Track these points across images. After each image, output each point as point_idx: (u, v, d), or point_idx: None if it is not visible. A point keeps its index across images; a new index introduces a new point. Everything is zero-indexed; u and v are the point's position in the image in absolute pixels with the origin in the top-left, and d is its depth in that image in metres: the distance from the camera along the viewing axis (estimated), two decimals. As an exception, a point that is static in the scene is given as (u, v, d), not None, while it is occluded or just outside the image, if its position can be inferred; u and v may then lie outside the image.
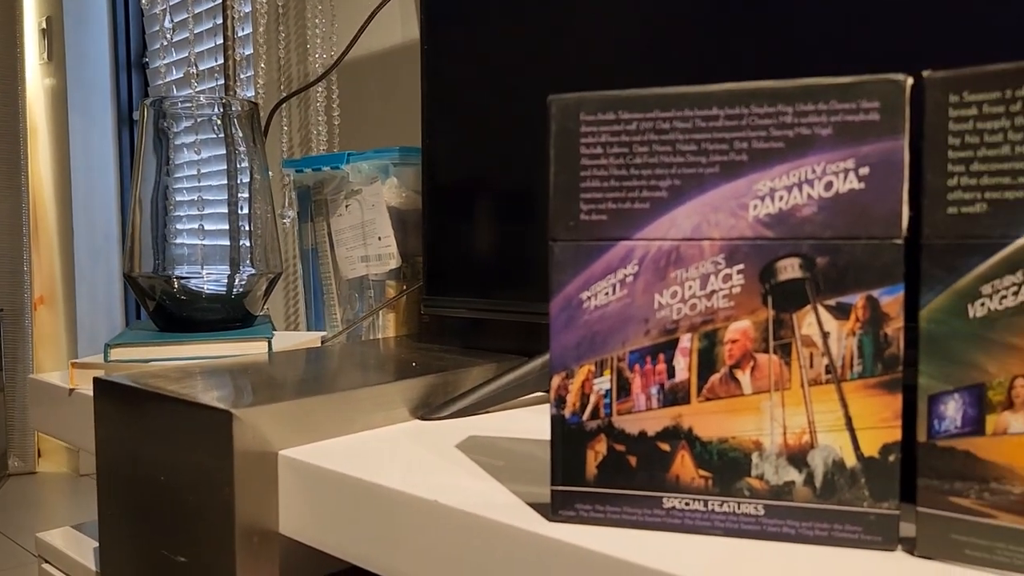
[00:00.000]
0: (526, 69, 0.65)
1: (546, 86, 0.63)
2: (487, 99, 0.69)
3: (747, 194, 0.33)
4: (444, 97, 0.73)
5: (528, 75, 0.65)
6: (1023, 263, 0.29)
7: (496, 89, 0.68)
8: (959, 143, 0.30)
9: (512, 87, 0.67)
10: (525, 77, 0.65)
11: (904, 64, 0.43)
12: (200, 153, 0.86)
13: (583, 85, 0.61)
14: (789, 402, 0.33)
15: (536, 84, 0.64)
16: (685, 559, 0.32)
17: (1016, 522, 0.29)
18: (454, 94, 0.72)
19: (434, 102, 0.73)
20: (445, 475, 0.43)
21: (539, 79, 0.64)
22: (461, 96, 0.71)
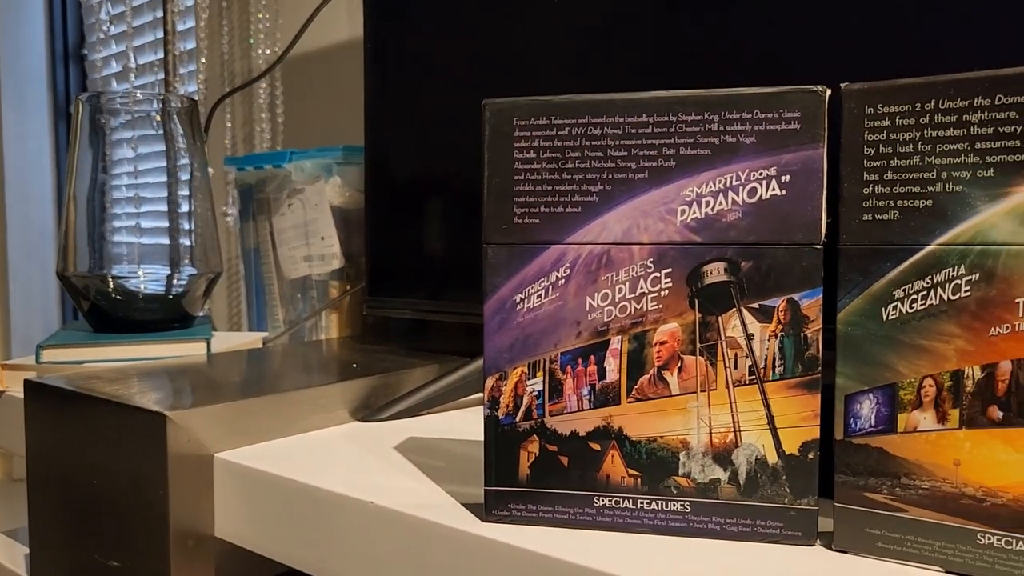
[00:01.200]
0: (470, 70, 0.66)
1: (490, 88, 0.64)
2: (431, 99, 0.69)
3: (675, 200, 0.34)
4: (388, 96, 0.72)
5: (472, 76, 0.65)
6: (931, 269, 0.30)
7: (440, 89, 0.68)
8: (873, 153, 0.31)
9: (456, 88, 0.67)
10: (469, 78, 0.66)
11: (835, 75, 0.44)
12: (137, 150, 0.85)
13: (527, 87, 0.61)
14: (715, 402, 0.34)
15: (480, 85, 0.65)
16: (614, 557, 0.32)
17: (924, 515, 0.31)
18: (398, 94, 0.72)
19: (377, 101, 0.73)
20: (382, 476, 0.43)
21: (483, 80, 0.65)
22: (405, 96, 0.71)
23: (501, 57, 0.63)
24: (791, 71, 0.46)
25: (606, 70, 0.56)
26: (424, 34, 0.69)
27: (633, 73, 0.55)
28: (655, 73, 0.53)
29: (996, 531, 0.30)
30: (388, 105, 0.72)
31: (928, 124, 0.30)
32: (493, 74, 0.64)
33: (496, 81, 0.63)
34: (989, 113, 0.29)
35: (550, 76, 0.60)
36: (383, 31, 0.72)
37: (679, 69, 0.52)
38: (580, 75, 0.58)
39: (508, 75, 0.63)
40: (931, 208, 0.30)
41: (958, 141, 0.30)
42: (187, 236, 0.81)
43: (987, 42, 0.40)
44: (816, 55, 0.46)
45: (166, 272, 0.79)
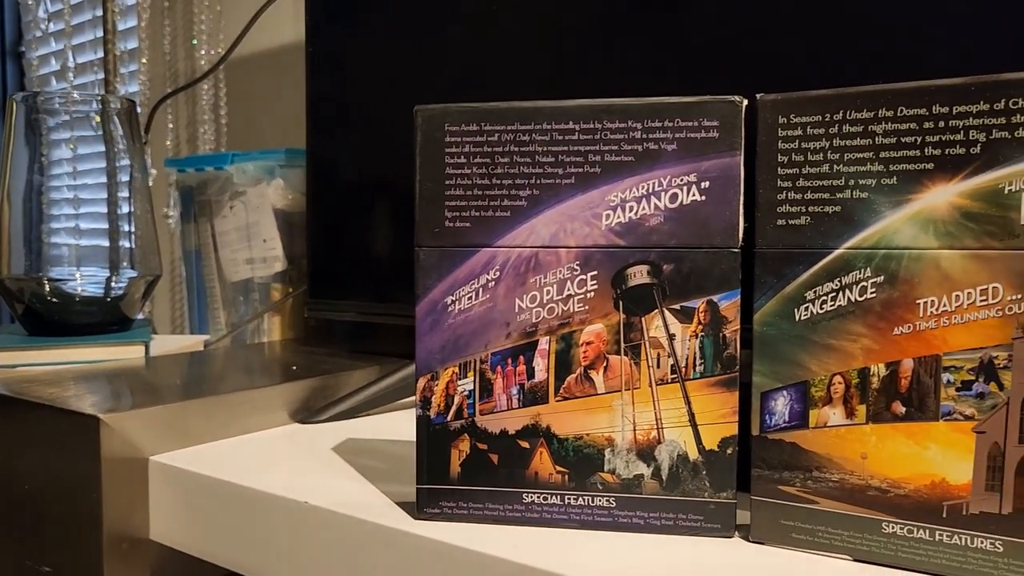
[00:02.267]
0: (410, 74, 0.66)
1: (429, 92, 0.65)
2: (373, 102, 0.69)
3: (600, 204, 0.35)
4: (329, 100, 0.73)
5: (412, 80, 0.66)
6: (840, 272, 0.32)
7: (381, 93, 0.69)
8: (787, 161, 0.33)
9: (397, 91, 0.67)
10: (409, 82, 0.66)
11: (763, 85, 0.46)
12: (76, 150, 0.83)
13: (466, 91, 0.62)
14: (639, 400, 0.35)
15: (420, 90, 0.65)
16: (542, 551, 0.33)
17: (834, 507, 0.32)
18: (339, 97, 0.72)
19: (319, 104, 0.73)
20: (318, 477, 0.43)
21: (423, 85, 0.65)
22: (346, 99, 0.71)
23: (440, 62, 0.64)
24: (715, 81, 0.47)
25: (544, 75, 0.57)
26: (365, 38, 0.69)
27: (569, 79, 0.56)
28: (590, 79, 0.54)
29: (899, 520, 0.31)
30: (330, 108, 0.73)
31: (836, 134, 0.32)
32: (432, 79, 0.64)
33: (435, 85, 0.64)
34: (892, 124, 0.31)
35: (489, 81, 0.61)
36: (325, 34, 0.73)
37: (613, 76, 0.53)
38: (518, 80, 0.59)
39: (447, 80, 0.63)
40: (839, 214, 0.32)
41: (864, 150, 0.31)
42: (127, 238, 0.80)
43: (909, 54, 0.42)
44: (738, 66, 0.47)
45: (105, 274, 0.78)
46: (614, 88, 0.52)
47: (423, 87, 0.65)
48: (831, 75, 0.43)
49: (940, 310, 0.30)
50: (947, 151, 0.30)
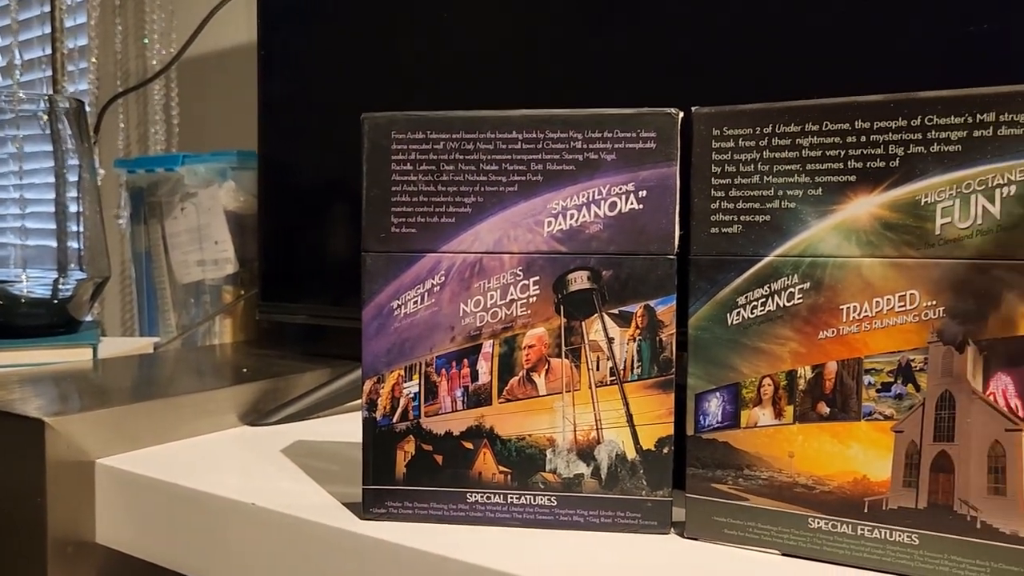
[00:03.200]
0: (362, 77, 0.67)
1: (380, 95, 0.65)
2: (324, 105, 0.70)
3: (542, 212, 0.36)
4: (281, 102, 0.73)
5: (363, 84, 0.67)
6: (769, 278, 0.33)
7: (332, 96, 0.69)
8: (720, 171, 0.34)
9: (348, 95, 0.68)
10: (360, 85, 0.67)
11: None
12: (23, 150, 0.82)
13: (416, 95, 0.63)
14: (579, 402, 0.36)
15: (370, 93, 0.66)
16: (484, 549, 0.34)
17: (763, 503, 0.34)
18: (291, 99, 0.72)
19: (271, 107, 0.73)
20: (266, 479, 0.44)
21: (373, 88, 0.66)
22: (298, 102, 0.72)
23: (393, 65, 0.64)
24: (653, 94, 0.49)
25: (493, 81, 0.58)
26: (318, 40, 0.70)
27: (518, 85, 0.57)
28: (537, 88, 0.55)
29: (824, 515, 0.33)
30: (282, 110, 0.73)
31: (766, 146, 0.33)
32: (385, 82, 0.65)
33: (388, 89, 0.65)
34: (818, 138, 0.32)
35: (439, 86, 0.62)
36: (277, 36, 0.73)
37: (558, 85, 0.54)
38: (468, 85, 0.60)
39: (400, 83, 0.64)
40: (769, 223, 0.33)
41: (792, 162, 0.33)
42: (75, 239, 0.79)
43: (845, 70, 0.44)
44: (676, 79, 0.49)
45: (52, 276, 0.77)
46: (559, 98, 0.53)
47: (376, 90, 0.66)
48: (764, 90, 0.45)
49: (862, 315, 0.32)
50: (868, 164, 0.32)
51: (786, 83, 0.45)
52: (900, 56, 0.42)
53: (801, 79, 0.44)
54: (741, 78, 0.47)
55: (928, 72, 0.41)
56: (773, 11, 0.45)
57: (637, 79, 0.51)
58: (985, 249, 0.30)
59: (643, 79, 0.50)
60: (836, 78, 0.43)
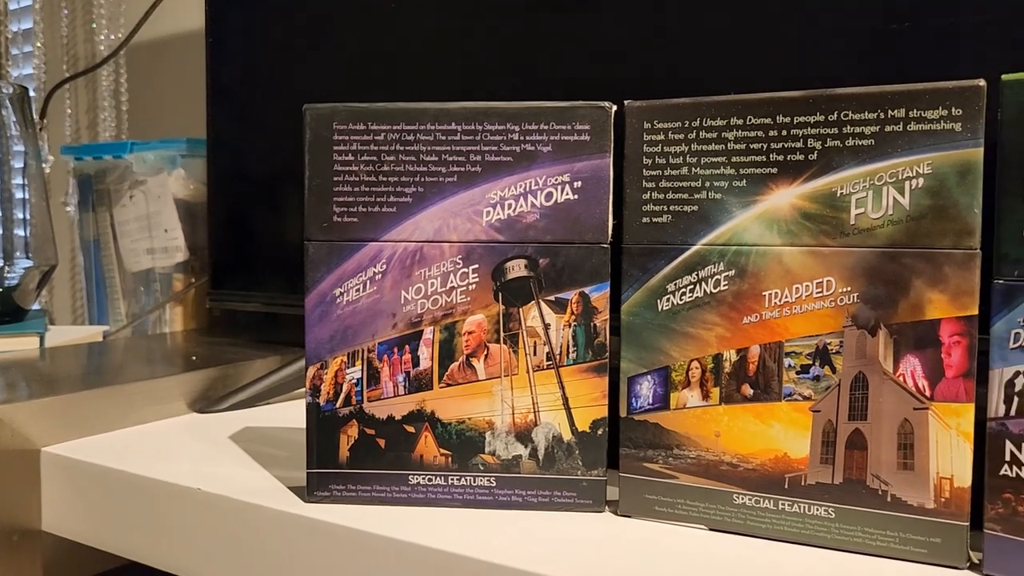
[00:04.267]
0: (312, 64, 0.67)
1: (326, 83, 0.65)
2: (274, 93, 0.70)
3: (481, 202, 0.37)
4: (230, 89, 0.73)
5: (314, 70, 0.67)
6: (697, 266, 0.35)
7: (282, 83, 0.69)
8: (651, 163, 0.35)
9: (298, 82, 0.68)
10: (310, 72, 0.67)
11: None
12: (-35, 136, 0.81)
13: (363, 84, 0.63)
14: (517, 386, 0.37)
15: (321, 79, 0.66)
16: (426, 529, 0.35)
17: (692, 481, 0.35)
18: (240, 87, 0.72)
19: (219, 94, 0.73)
20: (213, 465, 0.44)
21: (324, 74, 0.66)
22: (248, 89, 0.71)
23: (341, 52, 0.65)
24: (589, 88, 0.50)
25: (439, 68, 0.59)
26: (265, 27, 0.70)
27: (462, 75, 0.57)
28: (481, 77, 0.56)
29: (747, 492, 0.34)
30: (231, 97, 0.73)
31: (694, 139, 0.35)
32: (334, 69, 0.65)
33: (337, 75, 0.65)
34: (742, 132, 0.34)
35: (386, 73, 0.62)
36: (226, 22, 0.72)
37: (498, 78, 0.55)
38: (415, 72, 0.60)
39: (349, 69, 0.64)
40: (697, 213, 0.35)
41: (718, 155, 0.34)
42: (20, 226, 0.79)
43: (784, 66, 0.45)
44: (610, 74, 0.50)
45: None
46: (500, 88, 0.54)
47: (325, 77, 0.66)
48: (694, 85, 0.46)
49: (782, 301, 0.33)
50: (788, 157, 0.33)
51: (715, 78, 0.46)
52: (825, 53, 0.43)
53: (728, 74, 0.46)
54: (672, 73, 0.48)
55: (853, 68, 0.42)
56: (702, 9, 0.47)
57: (574, 73, 0.52)
58: (896, 238, 0.32)
59: (579, 74, 0.51)
60: (763, 73, 0.45)
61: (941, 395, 0.31)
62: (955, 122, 0.31)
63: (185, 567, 0.41)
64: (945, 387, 0.31)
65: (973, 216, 0.31)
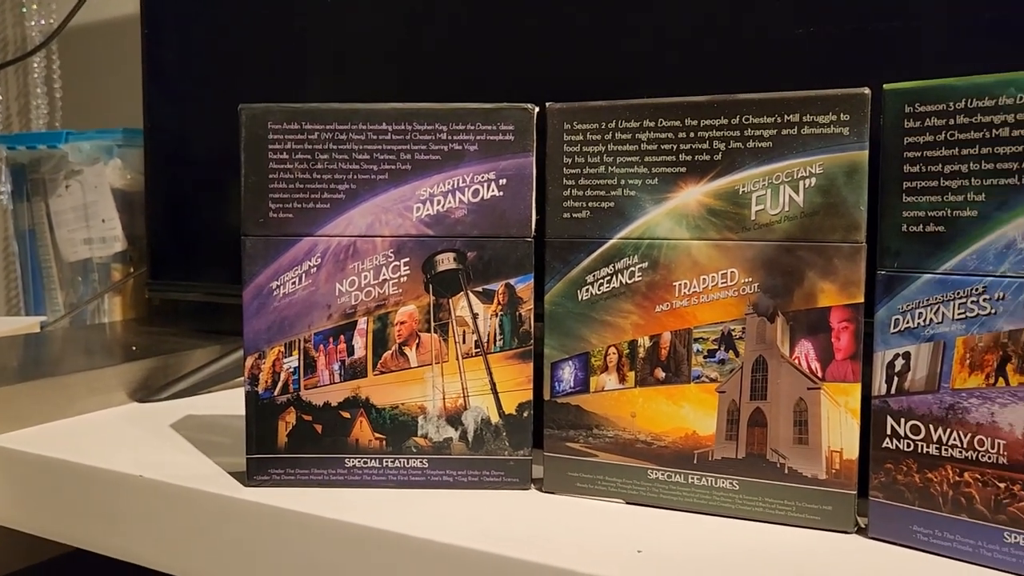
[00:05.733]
0: (250, 52, 0.67)
1: (269, 70, 0.66)
2: (211, 81, 0.70)
3: (411, 198, 0.39)
4: (166, 78, 0.73)
5: (252, 58, 0.67)
6: (613, 258, 0.37)
7: (220, 71, 0.69)
8: (571, 162, 0.38)
9: (236, 70, 0.68)
10: (249, 60, 0.68)
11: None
12: None
13: (301, 72, 0.64)
14: (447, 372, 0.39)
15: (259, 68, 0.67)
16: (362, 509, 0.37)
17: (610, 459, 0.38)
18: (177, 75, 0.72)
19: (156, 83, 0.73)
20: (154, 453, 0.45)
21: (262, 63, 0.67)
22: (184, 77, 0.72)
23: (280, 39, 0.65)
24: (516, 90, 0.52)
25: (376, 59, 0.60)
26: (203, 14, 0.70)
27: (398, 69, 0.59)
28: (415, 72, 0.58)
29: (661, 467, 0.37)
30: (167, 86, 0.73)
31: (611, 140, 0.37)
32: (273, 56, 0.66)
33: (275, 63, 0.66)
34: (654, 133, 0.36)
35: (324, 63, 0.63)
36: (161, 9, 0.72)
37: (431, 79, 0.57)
38: (353, 61, 0.62)
39: (288, 56, 0.65)
40: (613, 209, 0.37)
41: (632, 155, 0.37)
42: (-48, 217, 0.78)
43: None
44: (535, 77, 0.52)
45: (-72, 256, 0.76)
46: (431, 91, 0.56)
47: (263, 65, 0.66)
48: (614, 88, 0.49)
49: (691, 291, 0.36)
50: (696, 157, 0.36)
51: (632, 83, 0.49)
52: (732, 59, 0.46)
53: (645, 79, 0.48)
54: (592, 77, 0.50)
55: (757, 74, 0.45)
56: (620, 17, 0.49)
57: (499, 77, 0.54)
58: (791, 233, 0.35)
59: (505, 77, 0.53)
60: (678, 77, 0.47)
61: (831, 376, 0.34)
62: (843, 126, 0.34)
63: (128, 552, 0.43)
64: (835, 368, 0.34)
65: (859, 212, 0.34)
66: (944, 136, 0.31)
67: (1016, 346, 0.30)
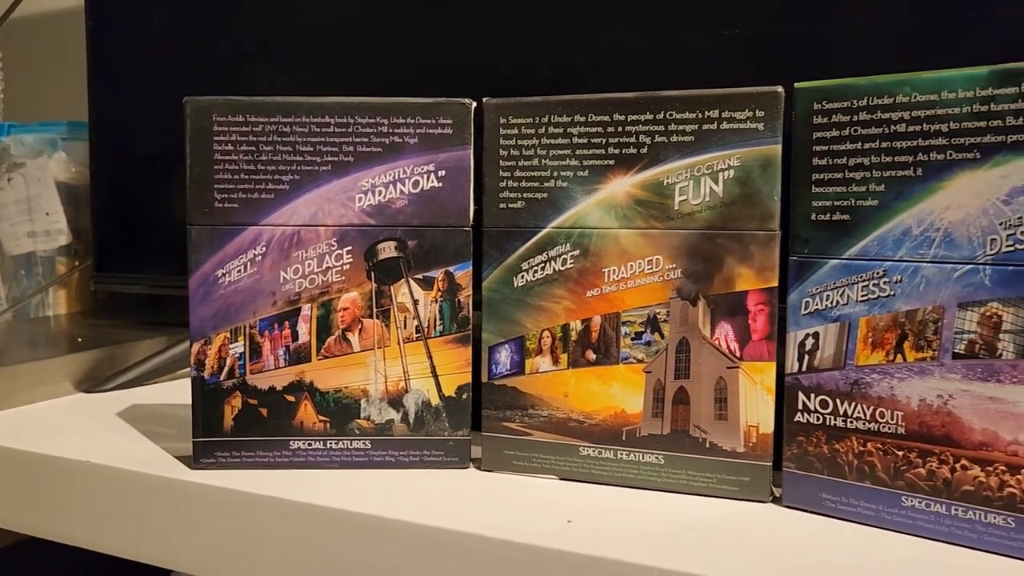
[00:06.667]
0: (195, 44, 0.68)
1: (212, 60, 0.67)
2: (155, 72, 0.70)
3: (354, 189, 0.40)
4: (111, 70, 0.73)
5: (197, 50, 0.68)
6: (547, 247, 0.39)
7: (165, 63, 0.70)
8: (506, 155, 0.40)
9: (181, 62, 0.69)
10: (194, 52, 0.68)
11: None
12: None
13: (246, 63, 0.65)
14: (389, 356, 0.41)
15: (205, 59, 0.67)
16: (306, 489, 0.39)
17: (544, 437, 0.40)
18: (122, 67, 0.72)
19: (101, 75, 0.73)
20: (100, 440, 0.46)
21: (208, 54, 0.67)
22: (129, 69, 0.72)
23: (222, 29, 0.66)
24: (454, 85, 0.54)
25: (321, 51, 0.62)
26: (146, 8, 0.70)
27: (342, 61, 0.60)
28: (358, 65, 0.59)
29: (592, 444, 0.39)
30: (112, 79, 0.73)
31: (544, 134, 0.39)
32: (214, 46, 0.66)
33: (221, 54, 0.66)
34: (584, 127, 0.38)
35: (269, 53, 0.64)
36: (104, 3, 0.72)
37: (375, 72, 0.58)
38: (299, 52, 0.63)
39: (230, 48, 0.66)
40: (546, 199, 0.39)
41: (564, 148, 0.39)
42: None
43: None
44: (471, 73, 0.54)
45: None
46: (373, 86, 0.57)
47: (208, 58, 0.67)
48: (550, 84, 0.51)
49: (619, 277, 0.38)
50: (623, 150, 0.38)
51: (566, 79, 0.51)
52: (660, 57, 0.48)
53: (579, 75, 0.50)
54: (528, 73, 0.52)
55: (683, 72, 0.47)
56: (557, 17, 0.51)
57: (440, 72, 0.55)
58: (712, 221, 0.37)
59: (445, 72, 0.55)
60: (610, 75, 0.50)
61: (749, 355, 0.37)
62: (759, 122, 0.36)
63: (77, 538, 0.43)
64: (752, 348, 0.37)
65: (773, 203, 0.36)
66: (848, 132, 0.34)
67: (912, 325, 0.33)
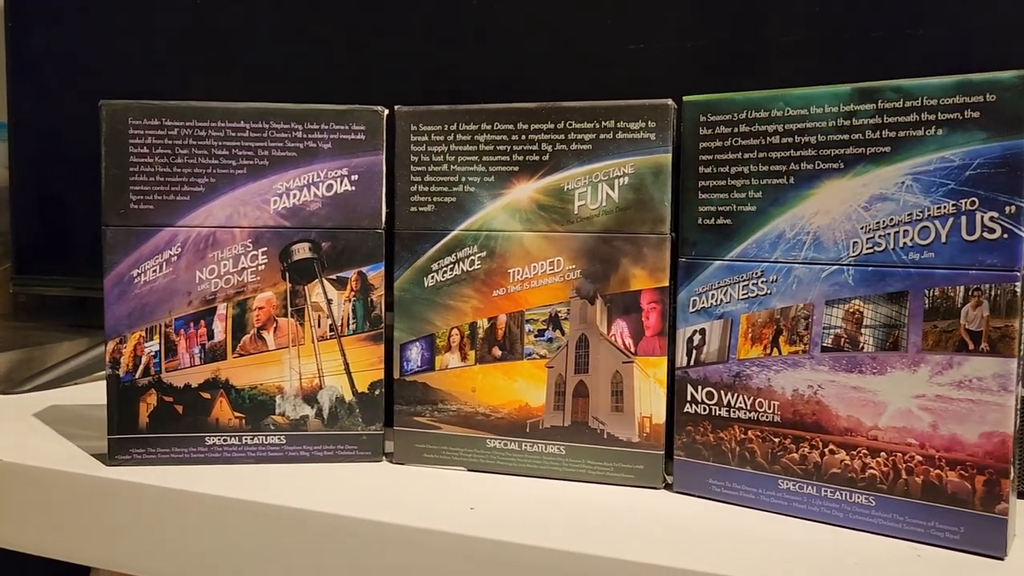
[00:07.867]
0: (114, 45, 0.68)
1: (134, 62, 0.67)
2: (76, 74, 0.70)
3: (269, 192, 0.42)
4: (30, 73, 0.72)
5: (116, 52, 0.68)
6: (456, 248, 0.41)
7: (85, 61, 0.70)
8: (417, 160, 0.41)
9: (103, 60, 0.69)
10: (113, 54, 0.68)
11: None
12: None
13: (169, 61, 0.65)
14: (303, 354, 0.42)
15: (128, 57, 0.68)
16: (221, 483, 0.40)
17: (453, 430, 0.42)
18: (41, 70, 0.72)
19: (21, 75, 0.73)
20: (15, 439, 0.46)
21: (130, 52, 0.67)
22: (48, 73, 0.71)
23: (144, 28, 0.66)
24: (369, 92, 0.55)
25: (244, 58, 0.62)
26: (66, 10, 0.70)
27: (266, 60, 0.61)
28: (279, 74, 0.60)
29: (498, 436, 0.41)
30: (32, 78, 0.72)
31: (452, 141, 0.41)
32: (135, 45, 0.67)
33: (138, 57, 0.66)
34: (490, 135, 0.40)
35: (191, 54, 0.65)
36: (24, 4, 0.72)
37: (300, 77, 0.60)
38: (216, 66, 0.64)
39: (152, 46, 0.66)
40: (455, 203, 0.41)
41: (471, 155, 0.41)
42: None
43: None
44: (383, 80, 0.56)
45: None
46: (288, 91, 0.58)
47: (128, 60, 0.67)
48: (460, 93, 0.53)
49: (523, 277, 0.40)
50: (527, 157, 0.40)
51: (477, 88, 0.53)
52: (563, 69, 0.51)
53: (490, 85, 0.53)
54: (440, 82, 0.54)
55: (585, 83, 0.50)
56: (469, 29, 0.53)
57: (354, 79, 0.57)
58: (608, 225, 0.39)
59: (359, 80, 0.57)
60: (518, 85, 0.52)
61: (643, 351, 0.39)
62: (651, 132, 0.38)
63: (-12, 535, 0.44)
64: (645, 344, 0.39)
65: (664, 208, 0.39)
66: (730, 142, 0.37)
67: (786, 320, 0.36)
